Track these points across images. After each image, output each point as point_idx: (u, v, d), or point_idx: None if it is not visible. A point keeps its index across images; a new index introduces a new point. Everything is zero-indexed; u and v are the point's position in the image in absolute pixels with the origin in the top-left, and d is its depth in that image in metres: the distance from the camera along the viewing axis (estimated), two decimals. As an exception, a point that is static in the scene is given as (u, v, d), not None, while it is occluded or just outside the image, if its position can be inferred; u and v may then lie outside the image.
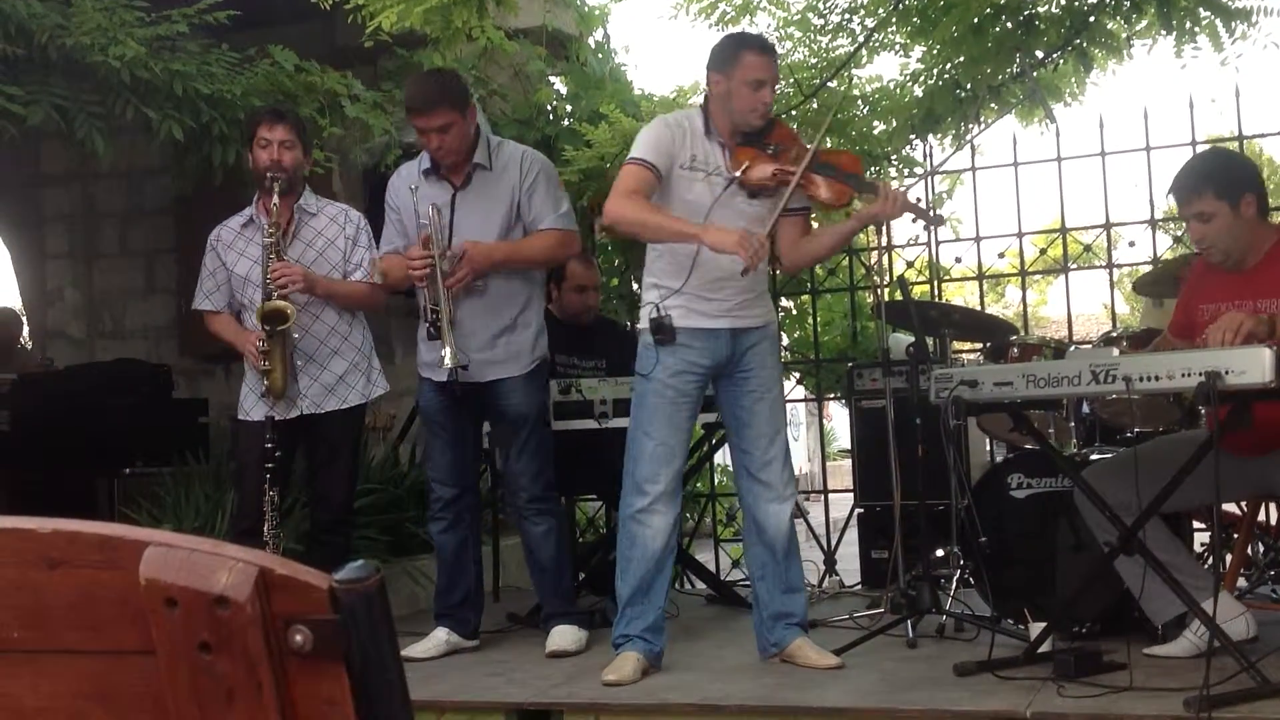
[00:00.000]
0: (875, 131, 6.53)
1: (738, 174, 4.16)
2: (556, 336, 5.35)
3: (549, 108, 7.23)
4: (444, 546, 4.79)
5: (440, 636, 4.73)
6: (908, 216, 4.54)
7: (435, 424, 4.78)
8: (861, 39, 6.37)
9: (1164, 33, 5.53)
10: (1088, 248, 6.79)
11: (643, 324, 4.28)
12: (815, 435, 12.51)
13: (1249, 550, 4.96)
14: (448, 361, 4.46)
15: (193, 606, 0.86)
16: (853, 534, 6.18)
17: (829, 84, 6.57)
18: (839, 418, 10.08)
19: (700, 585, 6.09)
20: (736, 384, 4.28)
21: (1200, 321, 3.84)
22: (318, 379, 4.72)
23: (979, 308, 6.86)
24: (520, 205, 4.65)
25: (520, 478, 4.70)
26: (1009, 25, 5.68)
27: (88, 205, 8.15)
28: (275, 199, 4.60)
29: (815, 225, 4.61)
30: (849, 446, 6.28)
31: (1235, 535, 4.78)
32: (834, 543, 6.37)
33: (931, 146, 6.51)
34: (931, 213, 4.12)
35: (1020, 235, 6.63)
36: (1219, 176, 3.90)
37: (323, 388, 4.73)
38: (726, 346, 4.23)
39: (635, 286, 7.33)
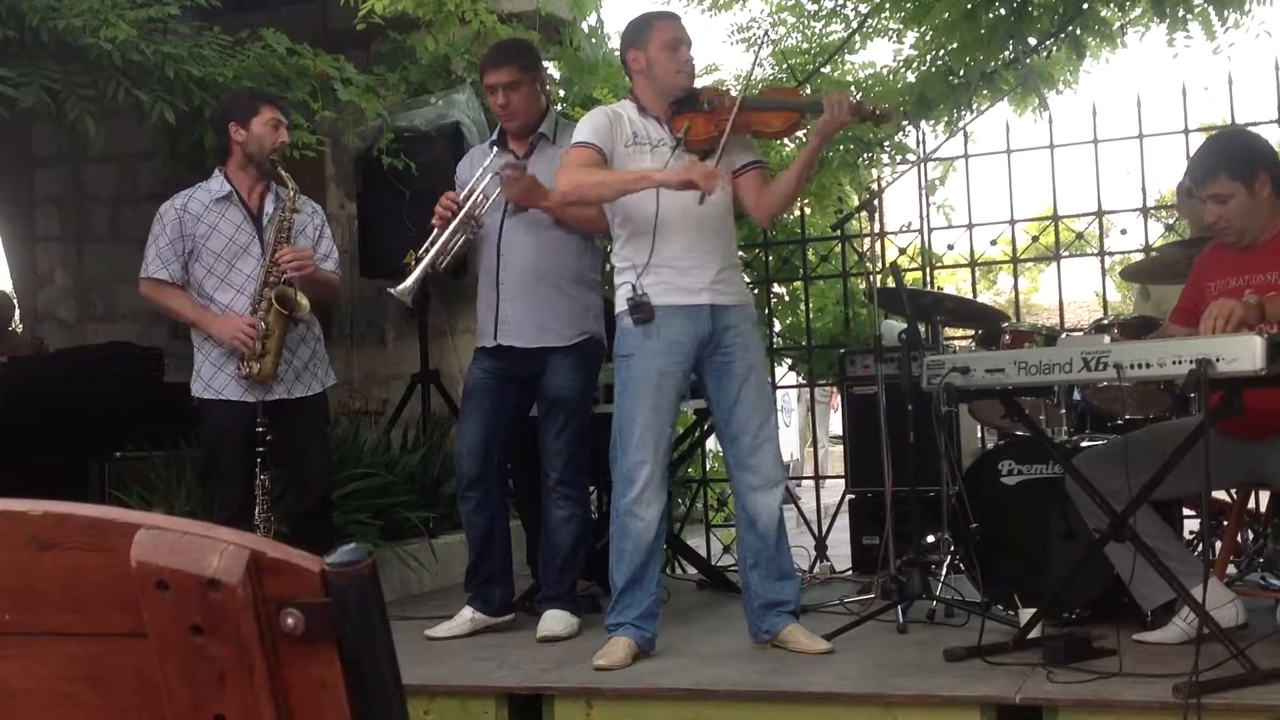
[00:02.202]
0: (868, 118, 6.51)
1: (680, 136, 4.22)
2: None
3: (542, 92, 7.21)
4: (473, 525, 4.81)
5: (466, 615, 4.78)
6: (903, 211, 4.57)
7: (473, 402, 4.80)
8: (855, 25, 6.36)
9: (1157, 21, 5.53)
10: (1080, 235, 6.79)
11: (620, 306, 4.27)
12: (812, 422, 12.51)
13: (1239, 538, 4.98)
14: (403, 285, 4.58)
15: (184, 589, 0.86)
16: (844, 520, 6.20)
17: (822, 69, 6.56)
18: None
19: (691, 570, 6.10)
20: (719, 367, 4.27)
21: (1210, 298, 3.83)
22: (290, 364, 4.73)
23: (971, 295, 6.87)
24: None
25: (554, 459, 4.72)
26: (1002, 11, 5.68)
27: (79, 188, 8.12)
28: (290, 186, 4.66)
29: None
30: (840, 433, 6.29)
31: (1225, 523, 4.79)
32: (825, 528, 6.38)
33: (924, 133, 6.51)
34: (875, 111, 4.20)
35: (1013, 222, 6.63)
36: (1234, 158, 3.92)
37: (294, 373, 4.74)
38: (707, 323, 4.22)
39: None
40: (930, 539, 5.17)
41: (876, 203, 5.33)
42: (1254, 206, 3.89)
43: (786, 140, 5.81)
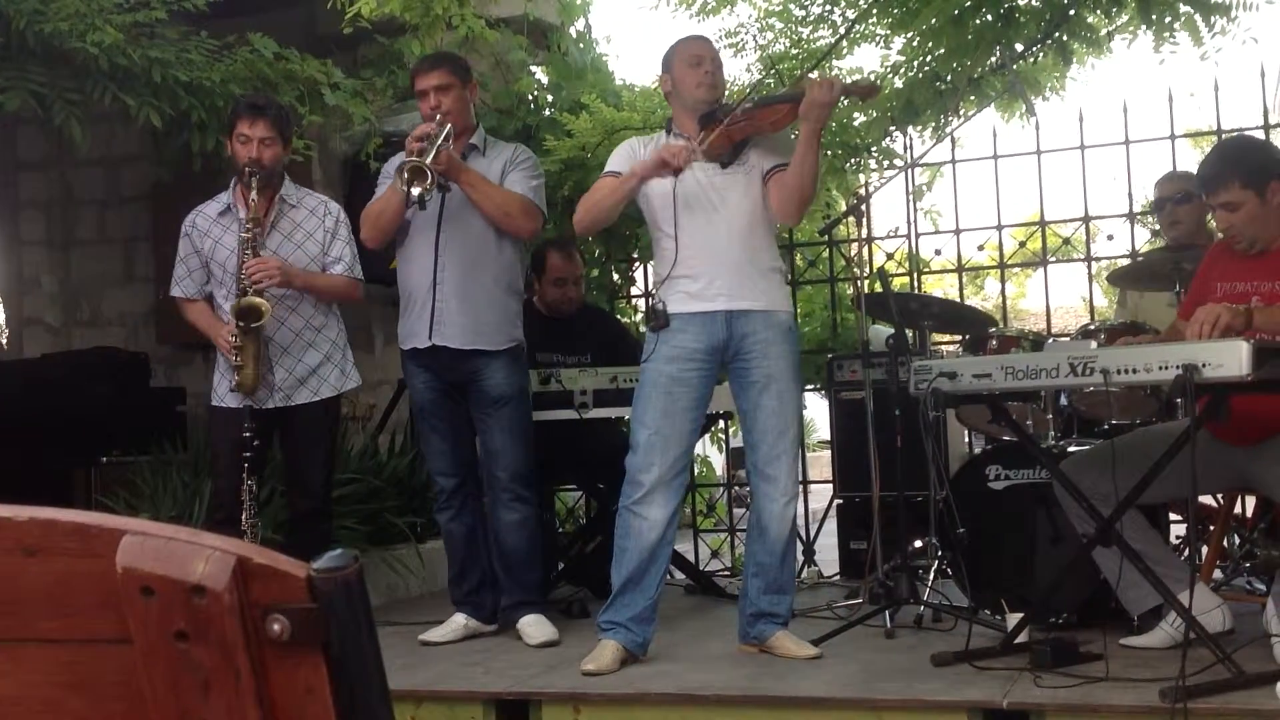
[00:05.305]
0: (855, 123, 6.54)
1: (698, 145, 4.23)
2: (539, 331, 5.34)
3: (530, 97, 7.21)
4: (453, 534, 4.82)
5: (459, 621, 4.78)
6: (890, 216, 4.58)
7: (430, 417, 4.79)
8: (842, 30, 6.37)
9: (1143, 27, 5.54)
10: (1067, 241, 6.81)
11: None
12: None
13: (1225, 542, 4.99)
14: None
15: (170, 595, 0.86)
16: (831, 524, 6.20)
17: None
18: (814, 408, 10.09)
19: (680, 576, 6.10)
20: (739, 373, 4.27)
21: (1216, 298, 3.82)
22: (292, 371, 4.69)
23: (958, 300, 6.88)
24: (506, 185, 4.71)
25: (500, 458, 4.70)
26: (989, 17, 5.69)
27: (65, 192, 8.09)
28: (254, 194, 4.58)
29: None
30: (828, 437, 6.30)
31: (1211, 527, 4.80)
32: (813, 533, 6.39)
33: (911, 139, 6.53)
34: (862, 81, 4.21)
35: (1000, 228, 6.65)
36: (1246, 166, 3.90)
37: (295, 380, 4.70)
38: (723, 329, 4.21)
39: (615, 277, 7.33)
40: (918, 544, 5.17)
41: (864, 208, 5.34)
42: (1265, 214, 3.87)
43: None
